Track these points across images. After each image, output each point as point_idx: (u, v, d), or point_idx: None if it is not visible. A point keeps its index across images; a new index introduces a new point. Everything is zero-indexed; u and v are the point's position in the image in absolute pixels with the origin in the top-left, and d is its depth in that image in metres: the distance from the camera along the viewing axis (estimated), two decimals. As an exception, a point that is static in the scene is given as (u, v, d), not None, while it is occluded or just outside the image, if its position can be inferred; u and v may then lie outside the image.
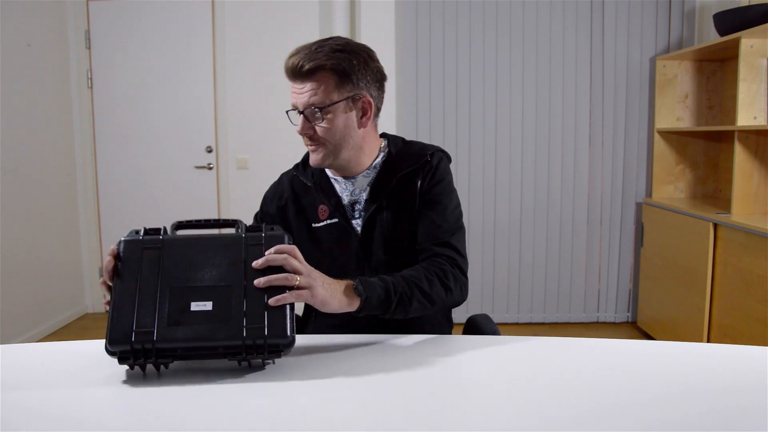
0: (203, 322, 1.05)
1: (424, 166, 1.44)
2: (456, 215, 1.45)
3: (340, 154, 1.41)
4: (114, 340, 1.02)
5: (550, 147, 3.84)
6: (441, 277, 1.32)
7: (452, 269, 1.35)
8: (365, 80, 1.38)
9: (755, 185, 2.88)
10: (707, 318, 2.96)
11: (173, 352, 1.04)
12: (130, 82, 4.11)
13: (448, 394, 1.03)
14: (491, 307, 3.94)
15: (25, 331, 3.61)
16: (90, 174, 4.18)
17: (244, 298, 1.08)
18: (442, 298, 1.31)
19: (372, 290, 1.21)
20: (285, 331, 1.05)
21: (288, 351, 1.08)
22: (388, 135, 1.56)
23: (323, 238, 1.48)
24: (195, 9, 4.02)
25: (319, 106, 1.34)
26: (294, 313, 1.10)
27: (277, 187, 1.59)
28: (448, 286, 1.32)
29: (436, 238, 1.40)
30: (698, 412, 0.94)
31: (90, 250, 4.23)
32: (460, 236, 1.44)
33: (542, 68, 3.79)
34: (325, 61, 1.32)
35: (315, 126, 1.37)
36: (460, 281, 1.36)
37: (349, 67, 1.34)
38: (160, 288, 1.08)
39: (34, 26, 3.73)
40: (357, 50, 1.37)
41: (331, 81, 1.33)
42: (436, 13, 3.77)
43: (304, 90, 1.34)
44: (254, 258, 1.12)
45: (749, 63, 2.84)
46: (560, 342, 1.27)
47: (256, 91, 4.04)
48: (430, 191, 1.43)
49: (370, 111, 1.41)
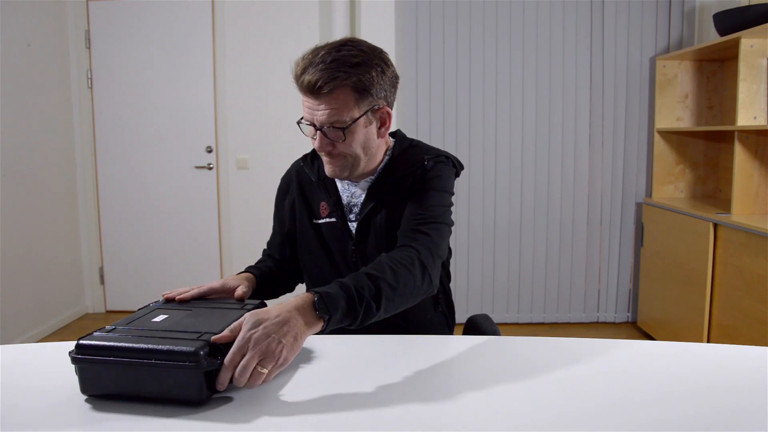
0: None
1: (418, 169, 1.42)
2: (441, 210, 1.37)
3: (359, 166, 1.39)
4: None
5: (550, 147, 3.84)
6: (406, 264, 1.22)
7: (417, 253, 1.25)
8: (383, 91, 1.33)
9: (755, 185, 2.89)
10: (707, 318, 2.96)
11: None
12: (130, 82, 4.11)
13: (448, 395, 1.03)
14: (491, 307, 3.95)
15: (25, 331, 3.61)
16: (90, 174, 4.18)
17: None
18: (411, 288, 1.20)
19: (334, 305, 1.08)
20: None
21: None
22: (398, 134, 1.53)
23: (324, 234, 1.48)
24: (195, 9, 4.02)
25: (341, 126, 1.29)
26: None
27: (287, 178, 1.60)
28: (413, 273, 1.22)
29: (412, 226, 1.33)
30: (698, 413, 0.94)
31: (90, 250, 4.23)
32: (440, 229, 1.34)
33: (542, 68, 3.79)
34: (345, 79, 1.25)
35: (334, 143, 1.33)
36: (427, 265, 1.25)
37: (369, 82, 1.28)
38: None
39: (34, 26, 3.73)
40: (373, 60, 1.30)
41: (351, 98, 1.28)
42: (435, 13, 3.77)
43: (321, 107, 1.28)
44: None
45: (749, 63, 2.84)
46: (560, 342, 1.27)
47: (256, 91, 4.04)
48: (419, 187, 1.39)
49: (389, 121, 1.38)
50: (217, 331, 1.02)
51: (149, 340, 0.99)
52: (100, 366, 0.97)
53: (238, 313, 1.14)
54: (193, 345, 0.96)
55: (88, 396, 0.99)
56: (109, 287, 4.29)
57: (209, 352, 0.97)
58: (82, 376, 0.98)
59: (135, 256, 4.24)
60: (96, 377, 0.98)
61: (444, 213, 1.38)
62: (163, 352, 0.96)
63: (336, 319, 1.08)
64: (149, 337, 1.00)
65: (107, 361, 0.97)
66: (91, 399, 0.99)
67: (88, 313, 4.28)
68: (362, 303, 1.11)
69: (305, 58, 1.29)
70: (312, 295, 1.07)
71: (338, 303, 1.08)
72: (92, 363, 0.97)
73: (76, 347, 0.99)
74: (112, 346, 0.98)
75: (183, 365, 0.94)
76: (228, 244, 4.17)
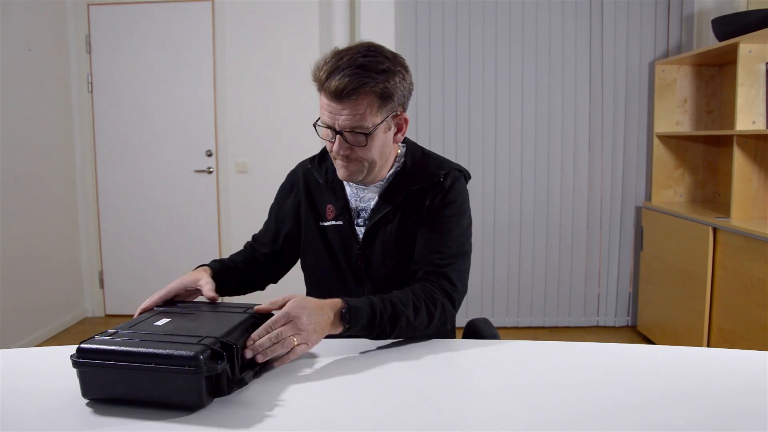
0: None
1: (435, 186, 1.41)
2: (461, 241, 1.40)
3: (374, 171, 1.40)
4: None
5: (550, 150, 3.85)
6: (428, 305, 1.29)
7: (443, 299, 1.32)
8: (403, 97, 1.35)
9: (754, 189, 2.89)
10: (707, 322, 2.96)
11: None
12: (130, 86, 4.11)
13: (448, 398, 1.03)
14: (491, 311, 3.94)
15: (25, 335, 3.60)
16: (90, 178, 4.19)
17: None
18: (424, 325, 1.29)
19: (357, 320, 1.20)
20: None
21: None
22: (408, 142, 1.52)
23: (329, 237, 1.48)
24: (195, 13, 4.03)
25: (363, 132, 1.30)
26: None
27: (292, 179, 1.58)
28: (432, 314, 1.29)
29: (433, 264, 1.35)
30: (698, 417, 0.94)
31: (90, 254, 4.23)
32: (461, 264, 1.38)
33: (542, 73, 3.80)
34: (372, 86, 1.26)
35: (353, 147, 1.33)
36: (448, 312, 1.33)
37: (393, 88, 1.30)
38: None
39: (34, 31, 3.74)
40: (397, 66, 1.32)
41: (375, 104, 1.29)
42: (435, 14, 3.78)
43: (345, 112, 1.28)
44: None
45: (748, 68, 2.85)
46: (560, 346, 1.27)
47: (255, 95, 4.04)
48: (438, 212, 1.40)
49: (406, 126, 1.40)
50: (218, 335, 1.03)
51: (150, 344, 0.99)
52: (101, 370, 0.97)
53: (241, 317, 1.15)
54: (193, 349, 0.96)
55: (90, 400, 0.99)
56: (109, 291, 4.29)
57: (210, 357, 0.97)
58: (83, 380, 0.98)
59: (135, 260, 4.24)
60: (97, 381, 0.98)
61: (465, 241, 1.42)
62: (163, 356, 0.96)
63: (354, 329, 1.21)
64: (150, 341, 1.01)
65: (108, 365, 0.97)
66: (92, 403, 0.99)
67: (88, 317, 4.28)
68: (381, 325, 1.23)
69: (328, 62, 1.28)
70: (343, 303, 1.20)
71: (361, 319, 1.21)
72: (93, 367, 0.98)
73: (78, 351, 0.99)
74: (113, 350, 0.98)
75: (183, 370, 0.94)
76: (228, 247, 4.17)
